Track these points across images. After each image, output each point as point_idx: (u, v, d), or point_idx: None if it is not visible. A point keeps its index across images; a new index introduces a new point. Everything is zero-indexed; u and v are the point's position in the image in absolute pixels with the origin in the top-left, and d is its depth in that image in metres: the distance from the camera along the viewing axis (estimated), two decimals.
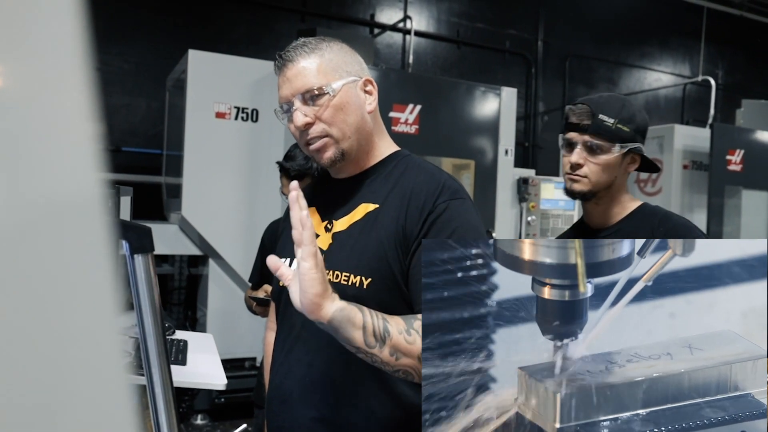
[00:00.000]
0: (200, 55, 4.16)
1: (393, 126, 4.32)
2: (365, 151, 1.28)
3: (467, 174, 4.71)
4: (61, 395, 0.33)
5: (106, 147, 0.33)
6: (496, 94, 4.79)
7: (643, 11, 8.67)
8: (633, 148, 1.56)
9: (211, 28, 5.94)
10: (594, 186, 1.57)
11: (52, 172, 0.33)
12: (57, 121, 0.33)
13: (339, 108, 1.21)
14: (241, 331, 4.24)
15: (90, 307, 0.34)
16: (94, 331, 0.34)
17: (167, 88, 4.96)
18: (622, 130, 1.54)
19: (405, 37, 7.04)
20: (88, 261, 0.34)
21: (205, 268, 4.39)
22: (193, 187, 4.12)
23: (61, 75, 0.33)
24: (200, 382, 1.97)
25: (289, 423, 1.24)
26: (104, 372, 0.34)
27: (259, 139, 4.26)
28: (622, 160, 1.58)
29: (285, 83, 1.23)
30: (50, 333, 0.33)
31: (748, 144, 5.99)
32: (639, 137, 1.58)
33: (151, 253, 1.03)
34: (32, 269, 0.32)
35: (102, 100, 0.34)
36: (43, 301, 0.32)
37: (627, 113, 1.56)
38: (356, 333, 1.03)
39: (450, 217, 1.15)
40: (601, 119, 1.54)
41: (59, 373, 0.33)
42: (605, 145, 1.54)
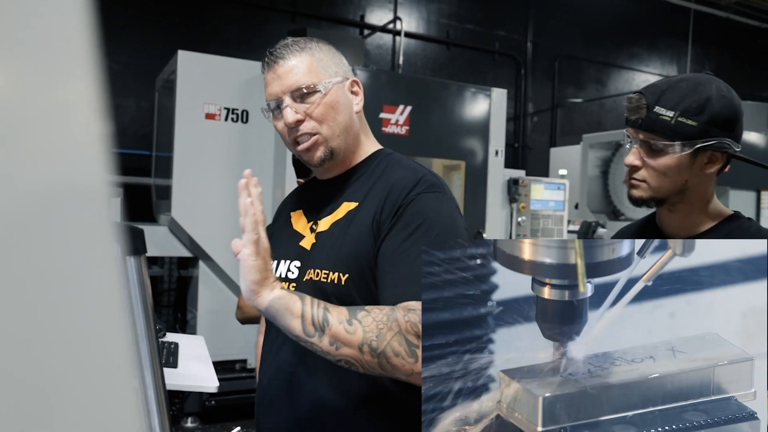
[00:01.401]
0: (190, 55, 4.13)
1: (383, 127, 4.32)
2: (352, 150, 1.29)
3: (458, 175, 4.72)
4: (65, 394, 0.32)
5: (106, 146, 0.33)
6: (486, 94, 4.80)
7: (631, 13, 8.73)
8: (707, 145, 1.23)
9: (201, 29, 5.91)
10: (656, 192, 1.29)
11: (60, 164, 0.33)
12: (65, 116, 0.33)
13: (330, 106, 1.21)
14: (231, 333, 4.22)
15: (97, 300, 0.33)
16: (100, 328, 0.33)
17: (156, 88, 4.93)
18: (684, 124, 1.22)
19: (395, 38, 7.04)
20: (93, 254, 0.33)
21: (195, 270, 4.37)
22: (183, 189, 4.09)
23: (70, 71, 0.33)
24: (192, 384, 1.96)
25: (278, 424, 1.24)
26: (111, 371, 0.34)
27: (249, 140, 4.24)
28: (694, 161, 1.25)
29: (274, 80, 1.22)
30: (55, 327, 0.32)
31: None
32: (716, 130, 1.23)
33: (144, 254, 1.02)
34: (37, 263, 0.32)
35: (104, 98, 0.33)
36: (47, 294, 0.32)
37: (694, 102, 1.22)
38: (294, 322, 1.03)
39: (420, 209, 1.13)
40: (657, 113, 1.24)
41: (64, 372, 0.32)
42: (663, 144, 1.24)
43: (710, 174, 1.29)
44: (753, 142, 6.25)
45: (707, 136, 1.22)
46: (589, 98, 8.51)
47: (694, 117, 1.22)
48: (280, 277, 1.29)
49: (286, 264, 1.29)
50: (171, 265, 4.73)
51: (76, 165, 0.33)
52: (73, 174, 0.33)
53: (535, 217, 5.14)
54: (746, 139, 6.16)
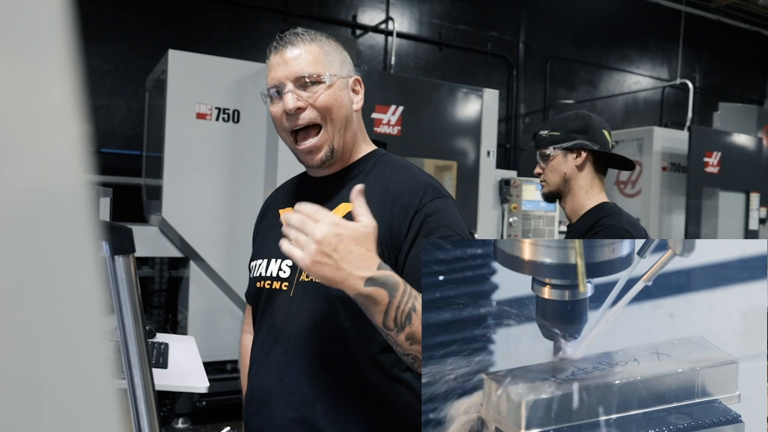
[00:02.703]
0: (181, 55, 4.11)
1: (375, 127, 4.31)
2: (349, 148, 1.28)
3: (450, 175, 4.71)
4: (45, 395, 0.31)
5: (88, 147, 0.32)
6: (478, 95, 4.80)
7: (622, 15, 8.76)
8: (570, 145, 1.87)
9: (192, 28, 5.88)
10: (552, 186, 1.93)
11: (37, 165, 0.32)
12: (42, 116, 0.33)
13: (332, 98, 1.21)
14: (222, 334, 4.19)
15: (76, 302, 0.33)
16: (79, 329, 0.32)
17: (147, 88, 4.89)
18: (553, 135, 1.91)
19: (387, 39, 7.03)
20: (73, 255, 0.33)
21: (186, 271, 4.34)
22: (174, 189, 4.06)
23: (47, 71, 0.33)
24: (182, 385, 1.93)
25: (269, 424, 1.22)
26: (90, 373, 0.33)
27: (241, 140, 4.22)
28: (566, 157, 1.88)
29: (280, 65, 1.21)
30: (36, 327, 0.31)
31: (725, 146, 6.07)
32: (574, 135, 1.87)
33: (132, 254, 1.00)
34: (17, 263, 0.31)
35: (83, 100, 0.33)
36: (27, 295, 0.31)
37: (558, 122, 1.93)
38: (378, 315, 0.99)
39: (441, 217, 1.16)
40: (540, 134, 1.96)
41: (43, 373, 0.31)
42: (547, 151, 1.92)
43: (580, 166, 1.88)
44: (742, 144, 6.29)
45: (567, 140, 1.88)
46: (580, 99, 8.54)
47: (558, 130, 1.91)
48: (270, 276, 1.27)
49: (277, 263, 1.27)
50: (161, 265, 4.70)
51: (53, 166, 0.32)
52: (50, 175, 0.32)
53: (527, 217, 5.14)
54: (735, 140, 6.20)
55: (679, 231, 5.79)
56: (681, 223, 5.78)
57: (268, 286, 1.27)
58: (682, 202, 5.81)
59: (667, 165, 5.90)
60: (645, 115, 9.10)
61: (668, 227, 5.89)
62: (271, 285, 1.27)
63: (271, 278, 1.27)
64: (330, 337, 1.18)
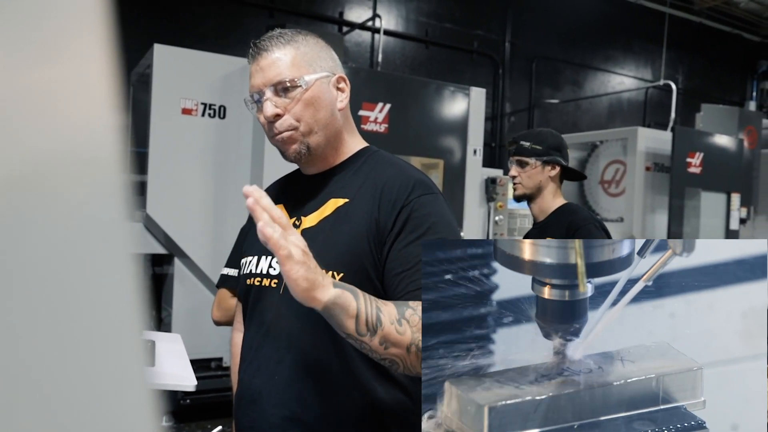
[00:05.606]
0: (166, 49, 4.06)
1: (362, 124, 4.30)
2: (334, 147, 1.27)
3: (436, 173, 4.72)
4: (74, 382, 0.32)
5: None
6: (465, 94, 4.81)
7: (607, 16, 8.84)
8: (549, 159, 2.31)
9: (178, 22, 5.82)
10: (526, 189, 2.35)
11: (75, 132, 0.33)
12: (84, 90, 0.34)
13: (309, 102, 1.20)
14: (207, 332, 4.15)
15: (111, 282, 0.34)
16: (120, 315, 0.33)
17: (132, 82, 4.84)
18: (536, 148, 2.32)
19: (374, 36, 7.03)
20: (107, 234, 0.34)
21: (171, 267, 4.30)
22: (159, 185, 4.02)
23: (89, 70, 0.35)
24: (169, 383, 1.91)
25: (260, 422, 1.21)
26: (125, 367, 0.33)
27: (227, 136, 4.19)
28: (543, 169, 2.32)
29: (257, 72, 1.21)
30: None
31: (707, 147, 6.14)
32: (553, 152, 2.32)
33: None
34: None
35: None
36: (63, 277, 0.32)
37: (539, 138, 2.35)
38: (349, 321, 1.00)
39: (428, 213, 1.15)
40: (522, 144, 2.35)
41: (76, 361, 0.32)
42: (526, 160, 2.34)
43: (553, 177, 2.34)
44: (723, 145, 6.37)
45: (547, 155, 2.32)
46: (565, 99, 8.60)
47: (540, 144, 2.32)
48: (260, 273, 1.27)
49: (267, 260, 1.27)
50: (146, 262, 4.66)
51: (90, 134, 0.33)
52: (87, 143, 0.33)
53: (512, 216, 5.17)
54: (717, 141, 6.28)
55: (662, 230, 5.85)
56: (664, 222, 5.83)
57: (257, 283, 1.27)
58: (665, 201, 5.87)
59: (650, 165, 5.95)
60: (629, 116, 9.19)
61: (651, 227, 5.94)
62: (261, 282, 1.26)
63: (260, 275, 1.27)
64: (320, 333, 1.17)
